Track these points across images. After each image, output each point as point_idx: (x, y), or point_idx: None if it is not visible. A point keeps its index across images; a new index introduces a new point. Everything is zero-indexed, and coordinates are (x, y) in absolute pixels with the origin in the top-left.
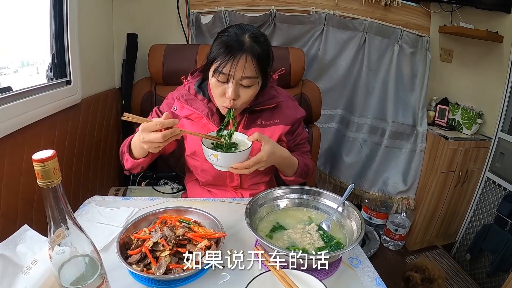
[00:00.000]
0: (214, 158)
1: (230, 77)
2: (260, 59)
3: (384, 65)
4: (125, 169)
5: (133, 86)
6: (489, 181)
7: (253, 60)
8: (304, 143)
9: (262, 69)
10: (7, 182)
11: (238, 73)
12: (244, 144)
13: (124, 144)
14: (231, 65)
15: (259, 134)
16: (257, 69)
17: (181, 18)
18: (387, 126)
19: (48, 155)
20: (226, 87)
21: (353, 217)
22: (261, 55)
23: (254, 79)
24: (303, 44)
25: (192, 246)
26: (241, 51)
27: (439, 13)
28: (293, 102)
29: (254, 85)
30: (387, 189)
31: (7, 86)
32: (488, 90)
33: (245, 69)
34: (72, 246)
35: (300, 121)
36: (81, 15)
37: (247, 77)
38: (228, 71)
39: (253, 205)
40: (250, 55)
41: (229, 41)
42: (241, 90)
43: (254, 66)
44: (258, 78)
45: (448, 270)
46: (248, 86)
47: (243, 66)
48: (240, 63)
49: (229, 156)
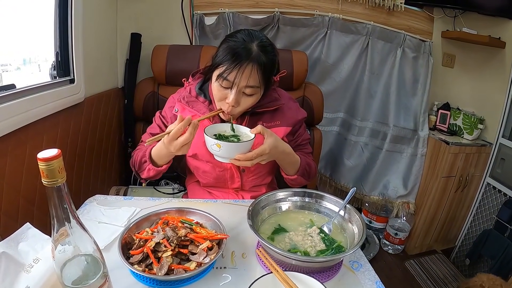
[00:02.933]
0: (216, 148)
1: (234, 84)
2: (265, 69)
3: (387, 69)
4: (141, 179)
5: (136, 85)
6: (490, 186)
7: (258, 70)
8: (305, 144)
9: (267, 78)
10: (9, 179)
11: (243, 82)
12: (247, 137)
13: (142, 156)
14: (236, 73)
15: (262, 127)
16: (261, 79)
17: (185, 19)
18: (388, 130)
19: (53, 154)
20: (228, 93)
21: (355, 221)
22: (267, 65)
23: (257, 88)
24: (306, 47)
25: (194, 247)
26: (248, 60)
27: (442, 18)
28: (294, 103)
29: (256, 94)
30: (387, 193)
31: (11, 84)
32: (490, 96)
33: (250, 78)
34: (75, 245)
35: (301, 122)
36: (85, 14)
37: (250, 86)
38: (232, 79)
39: (255, 207)
40: (256, 64)
41: (236, 48)
42: (243, 97)
43: (259, 76)
44: (261, 87)
45: (447, 275)
46: (250, 95)
47: (248, 75)
48: (245, 72)
49: (232, 146)
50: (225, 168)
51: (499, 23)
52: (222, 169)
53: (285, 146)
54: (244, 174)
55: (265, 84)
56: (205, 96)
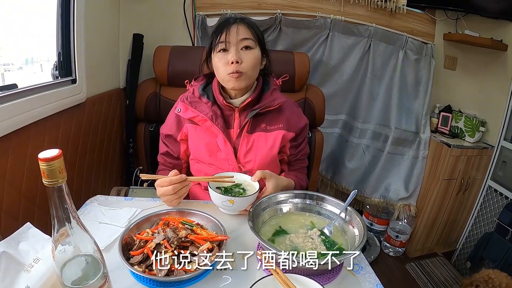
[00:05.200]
0: (229, 203)
1: (229, 43)
2: (251, 26)
3: (388, 71)
4: None
5: (138, 86)
6: (491, 189)
7: (247, 26)
8: (304, 159)
9: (257, 36)
10: (10, 179)
11: (237, 37)
12: (249, 184)
13: None
14: (228, 32)
15: (261, 172)
16: (251, 34)
17: (187, 20)
18: (390, 133)
19: (54, 155)
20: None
21: (355, 223)
22: (251, 24)
23: (250, 40)
24: (308, 48)
25: (194, 248)
26: (234, 21)
27: (444, 20)
28: (297, 109)
29: (254, 49)
30: (388, 196)
31: (13, 84)
32: (492, 99)
33: (240, 32)
34: (76, 245)
35: (304, 134)
36: (87, 15)
37: (243, 38)
38: (224, 38)
39: (256, 208)
40: (241, 23)
41: (221, 21)
42: (243, 53)
43: (247, 29)
44: (256, 43)
45: (448, 278)
46: (248, 49)
47: (239, 30)
48: (236, 29)
49: (244, 201)
50: (226, 170)
51: (501, 26)
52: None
53: (283, 180)
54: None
55: (259, 45)
56: (208, 97)
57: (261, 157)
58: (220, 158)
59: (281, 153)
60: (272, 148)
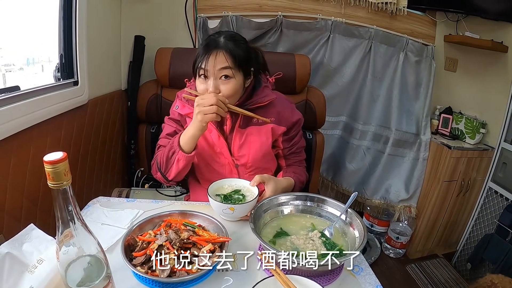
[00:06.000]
0: (230, 211)
1: (208, 72)
2: (234, 53)
3: (389, 73)
4: (168, 181)
5: (139, 88)
6: (491, 191)
7: (226, 54)
8: (300, 152)
9: (240, 64)
10: (12, 181)
11: (214, 67)
12: (248, 190)
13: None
14: (207, 60)
15: (260, 176)
16: (232, 63)
17: (188, 22)
18: (390, 134)
19: (60, 157)
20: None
21: (356, 225)
22: (236, 51)
23: (229, 70)
24: (309, 50)
25: (196, 250)
26: (216, 48)
27: (445, 22)
28: (290, 104)
29: (232, 79)
30: (389, 197)
31: (15, 86)
32: (492, 100)
33: (218, 63)
34: (79, 246)
35: (297, 128)
36: (89, 17)
37: (222, 68)
38: (205, 66)
39: (258, 210)
40: (224, 50)
41: (207, 42)
42: (221, 83)
43: (229, 60)
44: (235, 72)
45: (448, 279)
46: (226, 78)
47: (219, 60)
48: (216, 58)
49: (244, 207)
50: (222, 164)
51: (501, 27)
52: (221, 165)
53: (282, 182)
54: (240, 169)
55: (242, 71)
56: None
57: (254, 151)
58: (216, 152)
59: (275, 148)
60: (265, 142)
